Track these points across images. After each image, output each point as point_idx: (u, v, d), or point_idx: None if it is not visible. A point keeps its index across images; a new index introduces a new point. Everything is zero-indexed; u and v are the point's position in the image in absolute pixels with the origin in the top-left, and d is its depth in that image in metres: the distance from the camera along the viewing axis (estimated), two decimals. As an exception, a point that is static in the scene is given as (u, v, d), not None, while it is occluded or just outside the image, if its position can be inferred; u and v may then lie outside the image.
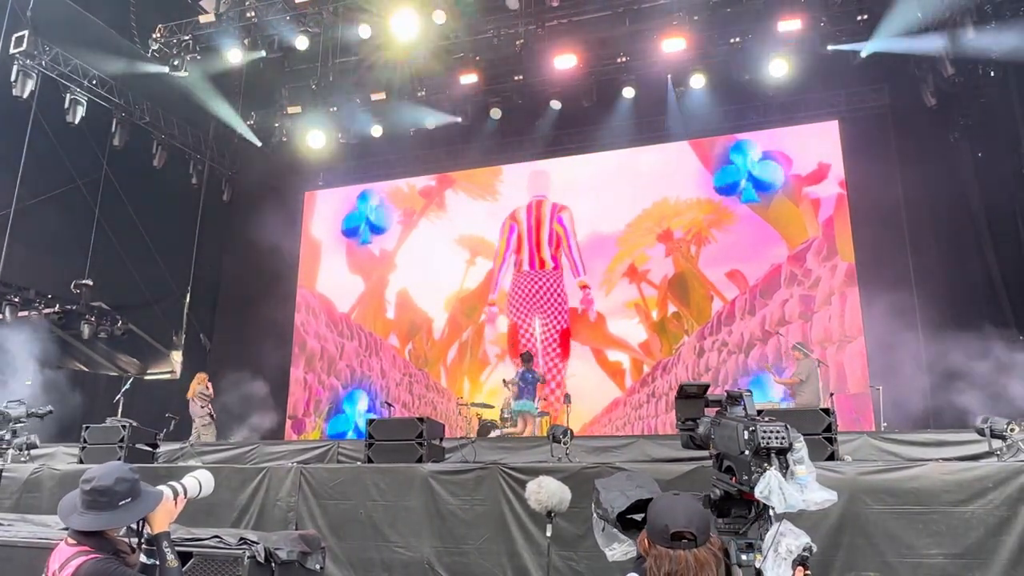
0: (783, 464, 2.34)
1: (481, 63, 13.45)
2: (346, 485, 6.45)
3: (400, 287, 15.87)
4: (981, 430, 6.02)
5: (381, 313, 15.90)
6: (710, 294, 13.63)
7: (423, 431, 7.01)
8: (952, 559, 4.82)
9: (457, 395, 14.00)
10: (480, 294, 15.18)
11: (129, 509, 2.48)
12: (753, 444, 2.33)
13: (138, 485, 2.53)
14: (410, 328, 15.57)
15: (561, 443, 6.78)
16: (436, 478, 6.22)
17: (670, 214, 14.19)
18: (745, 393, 2.58)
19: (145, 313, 14.58)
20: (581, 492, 5.44)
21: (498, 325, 14.88)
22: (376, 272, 16.15)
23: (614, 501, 2.65)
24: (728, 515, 2.49)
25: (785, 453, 2.36)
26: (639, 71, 13.48)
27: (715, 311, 13.49)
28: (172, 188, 14.92)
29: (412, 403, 14.96)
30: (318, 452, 8.59)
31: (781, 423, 2.39)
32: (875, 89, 13.22)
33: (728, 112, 14.09)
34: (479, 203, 15.69)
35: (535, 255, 14.94)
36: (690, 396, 2.88)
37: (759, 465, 2.31)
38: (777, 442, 2.34)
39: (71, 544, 2.45)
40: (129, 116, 13.79)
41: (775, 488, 2.25)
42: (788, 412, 7.67)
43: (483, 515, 5.98)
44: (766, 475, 2.28)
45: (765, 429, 2.35)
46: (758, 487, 2.28)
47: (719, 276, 13.62)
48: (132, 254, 14.21)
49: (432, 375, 15.11)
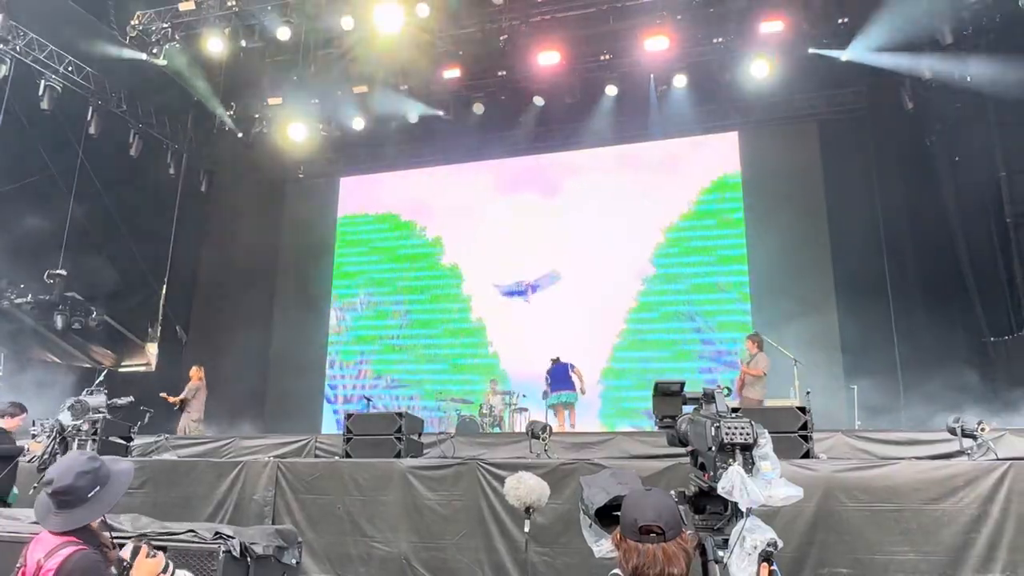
0: (748, 460, 2.37)
1: (464, 58, 13.42)
2: (324, 480, 6.42)
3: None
4: (952, 429, 6.12)
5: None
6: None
7: (401, 426, 7.00)
8: (923, 556, 4.90)
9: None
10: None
11: (100, 499, 2.46)
12: (718, 440, 2.36)
13: (102, 470, 2.50)
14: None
15: (540, 439, 6.80)
16: (414, 473, 6.22)
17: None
18: (718, 390, 2.61)
19: (120, 304, 14.38)
20: (559, 488, 5.47)
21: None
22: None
23: (594, 497, 2.67)
24: (703, 512, 2.52)
25: (750, 449, 2.39)
26: (622, 69, 13.54)
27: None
28: (149, 178, 14.72)
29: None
30: (296, 446, 8.53)
31: (747, 419, 2.41)
32: (854, 92, 13.39)
33: (710, 112, 14.19)
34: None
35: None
36: (667, 394, 2.91)
37: (724, 461, 2.34)
38: (741, 438, 2.37)
39: (56, 534, 2.42)
40: (105, 104, 13.57)
41: (738, 484, 2.28)
42: (766, 410, 7.75)
43: (461, 511, 5.99)
44: (729, 471, 2.31)
45: (730, 425, 2.38)
46: (721, 482, 2.31)
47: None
48: (107, 244, 14.01)
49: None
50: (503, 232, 15.07)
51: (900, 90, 12.32)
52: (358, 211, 16.61)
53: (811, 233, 13.22)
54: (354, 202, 16.68)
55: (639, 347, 13.78)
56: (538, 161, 15.36)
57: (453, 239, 15.57)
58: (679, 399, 2.86)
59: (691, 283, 13.86)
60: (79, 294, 13.26)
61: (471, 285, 15.18)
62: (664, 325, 13.84)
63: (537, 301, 14.61)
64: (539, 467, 5.66)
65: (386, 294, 15.80)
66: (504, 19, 12.54)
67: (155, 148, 14.78)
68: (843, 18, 12.11)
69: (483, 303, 14.97)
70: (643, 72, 13.60)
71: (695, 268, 13.91)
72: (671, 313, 13.84)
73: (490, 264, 15.03)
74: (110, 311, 14.04)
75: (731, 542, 2.34)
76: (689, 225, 14.16)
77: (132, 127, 14.18)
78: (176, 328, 15.68)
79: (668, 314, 13.85)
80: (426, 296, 15.51)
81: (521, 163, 15.39)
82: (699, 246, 14.02)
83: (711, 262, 13.87)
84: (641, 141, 14.61)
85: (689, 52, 12.97)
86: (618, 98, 13.90)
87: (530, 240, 14.85)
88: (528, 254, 14.80)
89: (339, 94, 14.18)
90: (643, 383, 13.32)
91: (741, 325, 13.07)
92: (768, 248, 13.25)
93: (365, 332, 15.75)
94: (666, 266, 14.03)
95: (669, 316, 13.85)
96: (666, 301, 13.89)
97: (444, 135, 15.11)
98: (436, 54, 13.39)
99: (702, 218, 14.15)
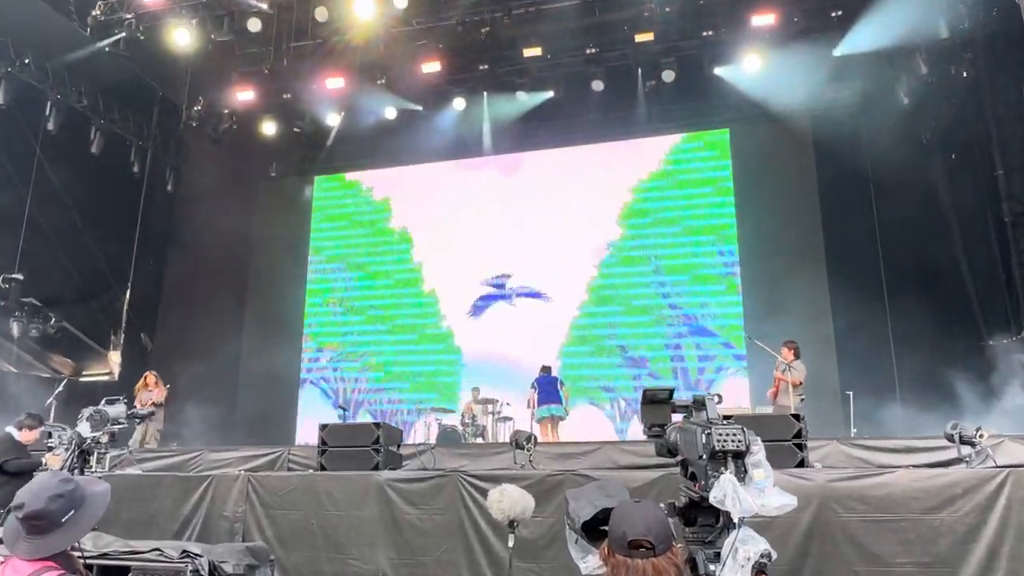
0: (740, 468, 2.37)
1: (444, 51, 13.42)
2: (297, 494, 6.38)
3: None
4: (950, 436, 6.19)
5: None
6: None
7: (379, 436, 6.97)
8: (921, 567, 4.95)
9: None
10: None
11: (76, 523, 2.40)
12: (709, 447, 2.36)
13: (76, 493, 2.45)
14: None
15: (524, 450, 6.80)
16: (392, 486, 6.20)
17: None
18: (709, 397, 2.62)
19: (81, 310, 14.20)
20: (545, 501, 5.48)
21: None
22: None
23: (581, 511, 2.66)
24: (694, 524, 2.51)
25: (742, 457, 2.39)
26: (608, 63, 13.60)
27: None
28: (112, 177, 14.57)
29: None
30: (268, 459, 8.46)
31: (739, 426, 2.42)
32: (849, 87, 13.53)
33: (700, 108, 14.30)
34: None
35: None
36: (655, 402, 2.91)
37: (715, 469, 2.35)
38: (733, 445, 2.38)
39: (27, 560, 2.36)
40: (65, 99, 13.41)
41: (730, 492, 2.28)
42: (759, 417, 7.79)
43: (442, 525, 5.98)
44: (721, 479, 2.32)
45: (721, 432, 2.38)
46: (713, 492, 2.31)
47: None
48: (67, 247, 13.82)
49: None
50: (480, 231, 15.15)
51: (895, 85, 12.46)
52: (333, 211, 16.55)
53: (805, 233, 13.34)
54: (329, 202, 16.62)
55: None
56: (514, 160, 15.40)
57: (433, 238, 15.57)
58: (668, 407, 2.86)
59: (680, 284, 13.99)
60: (37, 299, 13.08)
61: (445, 284, 15.28)
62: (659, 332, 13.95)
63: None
64: (523, 479, 5.66)
65: (364, 298, 15.76)
66: (485, 11, 12.57)
67: (118, 145, 14.63)
68: (837, 11, 12.24)
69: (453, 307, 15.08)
70: (630, 66, 13.68)
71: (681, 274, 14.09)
72: (663, 318, 13.97)
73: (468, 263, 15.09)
74: (70, 317, 13.87)
75: (723, 555, 2.34)
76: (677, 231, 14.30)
77: (94, 123, 14.03)
78: (140, 335, 15.50)
79: (661, 318, 14.00)
80: (394, 290, 15.64)
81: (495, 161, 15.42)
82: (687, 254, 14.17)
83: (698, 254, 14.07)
84: (628, 138, 14.69)
85: (677, 46, 13.06)
86: (604, 94, 13.95)
87: (497, 235, 15.01)
88: (497, 250, 14.98)
89: (313, 88, 14.12)
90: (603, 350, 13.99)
91: (737, 338, 13.30)
92: (760, 251, 13.37)
93: (339, 335, 15.73)
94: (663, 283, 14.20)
95: (660, 320, 13.98)
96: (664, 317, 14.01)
97: (424, 131, 15.09)
98: (415, 47, 13.39)
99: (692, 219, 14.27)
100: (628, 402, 13.60)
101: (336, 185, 16.70)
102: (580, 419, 12.84)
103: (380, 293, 15.69)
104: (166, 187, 15.82)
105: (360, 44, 13.19)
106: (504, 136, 15.12)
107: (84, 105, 13.82)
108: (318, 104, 14.50)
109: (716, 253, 13.95)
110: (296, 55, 13.70)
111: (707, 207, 14.20)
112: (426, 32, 13.14)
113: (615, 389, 13.77)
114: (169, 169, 15.88)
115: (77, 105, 13.70)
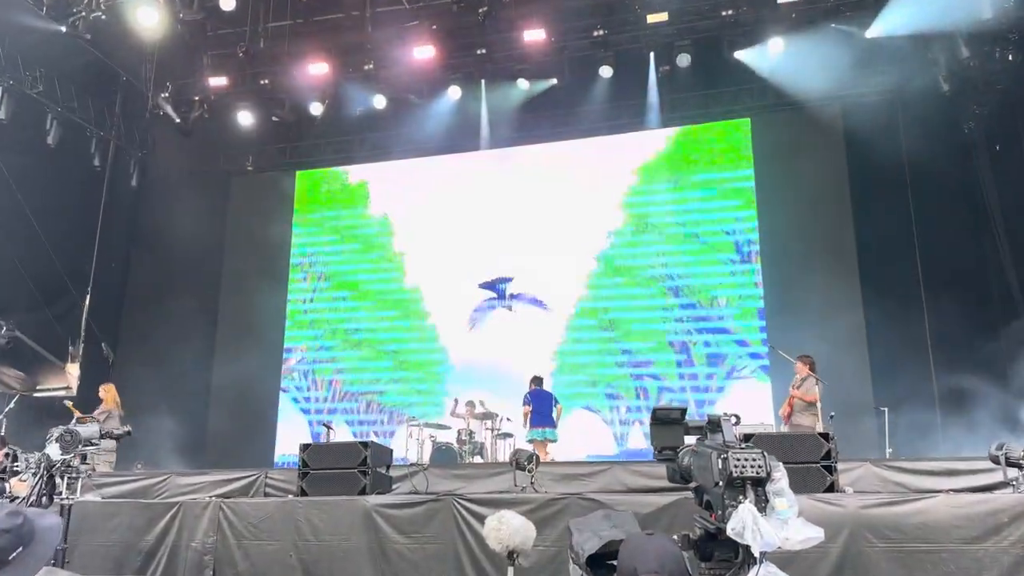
0: (760, 497, 2.35)
1: (439, 33, 13.42)
2: (274, 522, 6.37)
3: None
4: (996, 457, 6.17)
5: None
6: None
7: (367, 457, 6.96)
8: (962, 604, 4.94)
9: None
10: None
11: (23, 561, 2.39)
12: (726, 473, 2.34)
13: (24, 527, 2.44)
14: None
15: (525, 470, 6.79)
16: (381, 512, 6.19)
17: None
18: (725, 418, 2.60)
19: (35, 318, 14.15)
20: (547, 527, 5.47)
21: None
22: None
23: (585, 543, 2.66)
24: (711, 558, 2.49)
25: (762, 484, 2.37)
26: (617, 47, 13.61)
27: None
28: (70, 171, 14.56)
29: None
30: (242, 483, 8.45)
31: (758, 450, 2.40)
32: (882, 72, 13.54)
33: (718, 95, 14.31)
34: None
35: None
36: (666, 422, 2.90)
37: (733, 498, 2.32)
38: (752, 471, 2.35)
39: None
40: (18, 84, 13.40)
41: (749, 524, 2.26)
42: (783, 437, 7.78)
43: (434, 555, 5.97)
44: (740, 509, 2.29)
45: (739, 456, 2.36)
46: (730, 523, 2.29)
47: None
48: (20, 249, 13.81)
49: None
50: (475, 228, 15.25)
51: (934, 71, 12.47)
52: (316, 208, 16.57)
53: (834, 232, 13.35)
54: (312, 198, 16.64)
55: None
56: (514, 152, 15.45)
57: (423, 236, 15.62)
58: (680, 428, 2.85)
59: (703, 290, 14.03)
60: (-14, 307, 13.07)
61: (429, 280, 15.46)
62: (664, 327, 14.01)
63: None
64: (524, 502, 5.66)
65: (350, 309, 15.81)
66: (484, -12, 12.57)
67: (77, 135, 14.63)
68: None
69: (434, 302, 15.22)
70: (642, 50, 13.69)
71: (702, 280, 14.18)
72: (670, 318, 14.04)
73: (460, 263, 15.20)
74: (22, 326, 13.83)
75: (746, 591, 2.34)
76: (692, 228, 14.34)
77: (50, 111, 14.02)
78: (102, 345, 15.49)
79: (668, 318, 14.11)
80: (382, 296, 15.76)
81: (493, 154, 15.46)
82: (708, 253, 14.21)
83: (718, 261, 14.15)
84: (639, 129, 14.70)
85: (694, 27, 13.07)
86: (613, 81, 13.96)
87: (493, 232, 15.12)
88: (493, 248, 15.10)
89: (294, 74, 14.13)
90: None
91: (756, 341, 13.35)
92: (784, 250, 13.37)
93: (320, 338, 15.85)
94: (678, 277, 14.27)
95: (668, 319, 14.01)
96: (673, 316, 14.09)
97: (417, 122, 15.11)
98: (406, 30, 13.39)
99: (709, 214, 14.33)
100: (629, 408, 13.78)
101: (319, 180, 16.70)
102: (577, 425, 13.29)
103: (367, 304, 15.73)
104: (130, 182, 15.82)
105: (346, 25, 13.20)
106: (503, 127, 15.12)
107: (39, 92, 13.81)
108: (299, 91, 14.48)
109: (735, 252, 13.99)
110: (274, 36, 13.71)
111: (725, 202, 14.25)
112: (418, 12, 13.15)
113: (617, 396, 13.90)
114: (133, 162, 15.89)
115: (31, 92, 13.69)
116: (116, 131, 15.49)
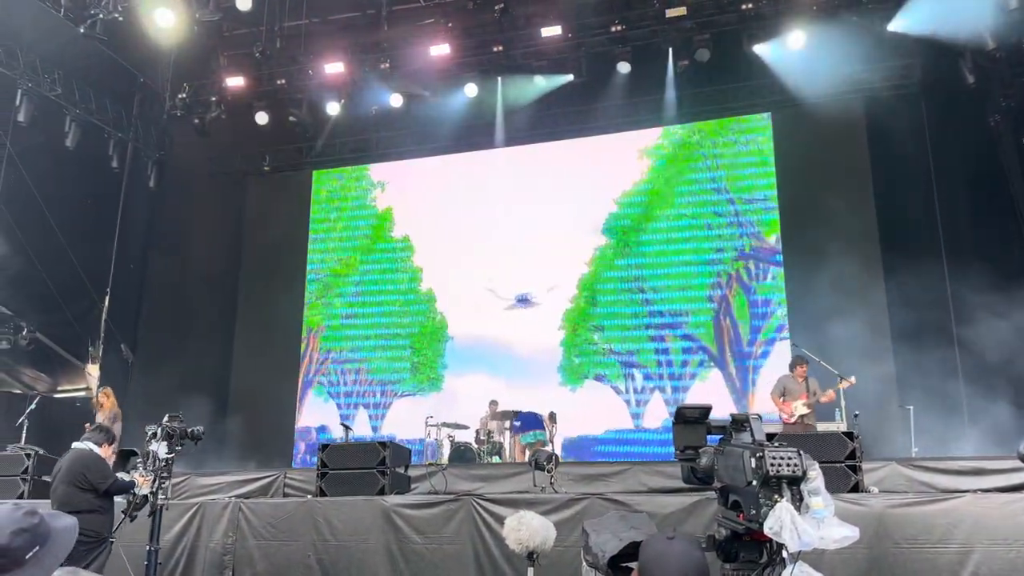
0: (796, 495, 2.33)
1: (454, 31, 13.43)
2: (293, 522, 6.40)
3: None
4: (1024, 456, 6.10)
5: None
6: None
7: (385, 457, 6.98)
8: (993, 606, 4.88)
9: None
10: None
11: (39, 561, 2.39)
12: (761, 472, 2.31)
13: (42, 526, 2.45)
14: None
15: (545, 471, 6.78)
16: (399, 512, 6.20)
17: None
18: (752, 417, 2.58)
19: (55, 319, 14.32)
20: (568, 528, 5.46)
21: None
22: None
23: (605, 545, 2.64)
24: (736, 559, 2.48)
25: (798, 483, 2.35)
26: (635, 42, 13.55)
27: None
28: (88, 172, 14.70)
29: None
30: (261, 484, 8.52)
31: (793, 448, 2.38)
32: (905, 65, 13.40)
33: (738, 90, 14.22)
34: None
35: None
36: (689, 421, 2.87)
37: (768, 497, 2.30)
38: (789, 470, 2.33)
39: None
40: (37, 87, 13.56)
41: (787, 523, 2.24)
42: (808, 437, 7.74)
43: (453, 556, 5.97)
44: (776, 508, 2.27)
45: (775, 455, 2.34)
46: (768, 522, 2.26)
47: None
48: (40, 250, 13.95)
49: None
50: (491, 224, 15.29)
51: (959, 62, 12.31)
52: (332, 208, 16.63)
53: (857, 227, 13.22)
54: (328, 198, 16.70)
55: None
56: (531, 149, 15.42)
57: (439, 236, 15.63)
58: (703, 427, 2.82)
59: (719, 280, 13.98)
60: (7, 307, 13.22)
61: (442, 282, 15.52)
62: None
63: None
64: (544, 503, 5.66)
65: (365, 304, 15.85)
66: (499, -15, 12.56)
67: (95, 137, 14.75)
68: (891, -20, 12.13)
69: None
70: (660, 45, 13.63)
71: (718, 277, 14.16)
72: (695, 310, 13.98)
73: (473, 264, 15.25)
74: (43, 327, 14.00)
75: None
76: (715, 221, 14.28)
77: (68, 113, 14.16)
78: (121, 346, 15.63)
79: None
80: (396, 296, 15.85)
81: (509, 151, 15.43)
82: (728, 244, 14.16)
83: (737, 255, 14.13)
84: (657, 125, 14.66)
85: (714, 21, 12.99)
86: (631, 76, 13.89)
87: (509, 229, 15.15)
88: (509, 246, 15.12)
89: (310, 74, 14.19)
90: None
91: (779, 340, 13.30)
92: (807, 246, 13.25)
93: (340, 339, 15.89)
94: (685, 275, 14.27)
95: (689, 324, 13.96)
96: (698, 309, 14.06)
97: (433, 120, 15.12)
98: (421, 28, 13.40)
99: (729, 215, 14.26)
100: (647, 376, 13.85)
101: (336, 179, 16.77)
102: (589, 398, 13.61)
103: (386, 300, 15.79)
104: (148, 183, 15.92)
105: (362, 23, 13.23)
106: (520, 124, 15.11)
107: (58, 94, 13.96)
108: (316, 91, 14.54)
109: (757, 248, 13.90)
110: (290, 36, 13.77)
111: (747, 196, 14.18)
112: (434, 10, 13.17)
113: (635, 363, 13.98)
114: (151, 163, 15.99)
115: (50, 94, 13.84)
116: (134, 132, 15.61)
